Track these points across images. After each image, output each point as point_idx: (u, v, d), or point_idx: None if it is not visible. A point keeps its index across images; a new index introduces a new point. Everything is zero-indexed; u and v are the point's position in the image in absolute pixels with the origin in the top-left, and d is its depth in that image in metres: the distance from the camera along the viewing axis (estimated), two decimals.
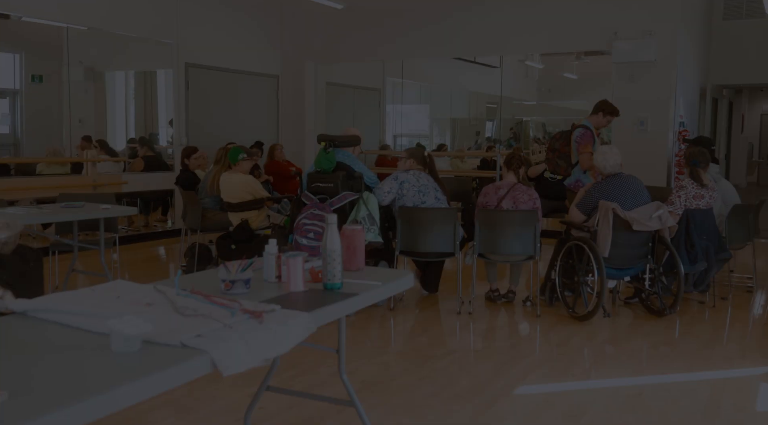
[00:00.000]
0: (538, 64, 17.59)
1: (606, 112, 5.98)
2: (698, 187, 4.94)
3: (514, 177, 4.97)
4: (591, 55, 15.87)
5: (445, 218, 4.81)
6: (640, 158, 7.92)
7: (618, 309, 5.10)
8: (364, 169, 4.91)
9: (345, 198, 4.70)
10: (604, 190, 4.70)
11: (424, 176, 4.96)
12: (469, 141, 16.73)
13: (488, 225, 4.81)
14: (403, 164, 5.07)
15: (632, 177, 4.81)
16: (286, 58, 9.83)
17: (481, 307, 5.10)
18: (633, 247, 4.69)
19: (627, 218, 4.54)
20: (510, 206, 4.87)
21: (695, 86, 9.31)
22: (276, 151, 8.69)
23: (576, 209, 4.84)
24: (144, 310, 1.92)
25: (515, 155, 5.01)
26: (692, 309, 5.13)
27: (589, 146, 5.94)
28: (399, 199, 4.90)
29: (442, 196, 4.98)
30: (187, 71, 8.31)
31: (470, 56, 11.97)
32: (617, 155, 4.79)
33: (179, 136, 8.31)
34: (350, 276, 2.51)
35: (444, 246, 4.83)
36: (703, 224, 4.98)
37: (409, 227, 4.85)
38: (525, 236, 4.78)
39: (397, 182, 4.89)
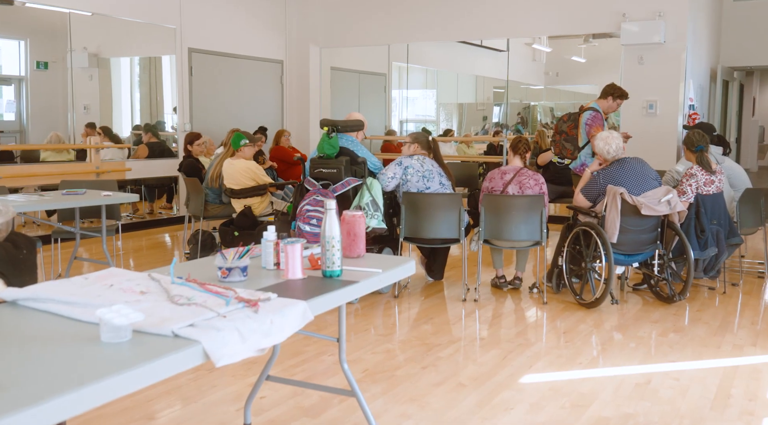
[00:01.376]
0: (546, 48, 17.42)
1: (615, 96, 5.88)
2: (707, 173, 4.84)
3: (520, 161, 4.89)
4: (599, 37, 15.68)
5: (449, 204, 4.74)
6: (649, 142, 7.82)
7: (626, 295, 5.03)
8: (368, 155, 4.84)
9: (348, 184, 4.64)
10: (610, 176, 4.61)
11: (428, 161, 4.89)
12: (476, 126, 16.61)
13: (494, 211, 4.74)
14: (408, 149, 4.99)
15: (637, 160, 4.72)
16: (290, 43, 9.73)
17: (486, 294, 5.04)
18: (642, 233, 4.61)
19: (635, 203, 4.45)
20: (516, 191, 4.79)
21: (705, 68, 9.16)
22: (282, 138, 8.62)
23: (581, 195, 4.75)
24: (137, 299, 1.86)
25: (521, 139, 4.93)
26: (702, 295, 5.05)
27: (600, 129, 5.85)
28: (403, 185, 4.83)
29: (446, 181, 4.90)
30: (190, 56, 8.24)
31: (477, 39, 11.87)
32: (618, 138, 4.70)
33: (183, 123, 8.25)
34: (350, 263, 2.45)
35: (449, 233, 4.77)
36: (714, 208, 4.90)
37: (414, 213, 4.78)
38: (531, 222, 4.70)
39: (401, 167, 4.82)
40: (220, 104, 8.71)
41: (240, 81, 9.00)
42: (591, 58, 16.64)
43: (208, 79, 8.51)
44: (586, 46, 16.55)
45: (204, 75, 8.44)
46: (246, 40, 9.02)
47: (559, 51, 17.92)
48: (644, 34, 7.73)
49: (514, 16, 8.62)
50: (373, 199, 4.58)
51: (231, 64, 8.84)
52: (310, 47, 9.84)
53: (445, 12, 9.03)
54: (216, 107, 8.64)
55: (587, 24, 8.36)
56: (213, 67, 8.59)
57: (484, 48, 15.39)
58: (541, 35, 10.91)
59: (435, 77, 16.08)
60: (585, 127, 5.90)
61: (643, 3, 7.73)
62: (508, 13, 8.65)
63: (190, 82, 8.28)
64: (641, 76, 7.86)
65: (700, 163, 4.85)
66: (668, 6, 7.62)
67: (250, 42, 9.10)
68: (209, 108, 8.54)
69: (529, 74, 18.35)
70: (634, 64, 7.93)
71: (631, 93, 8.01)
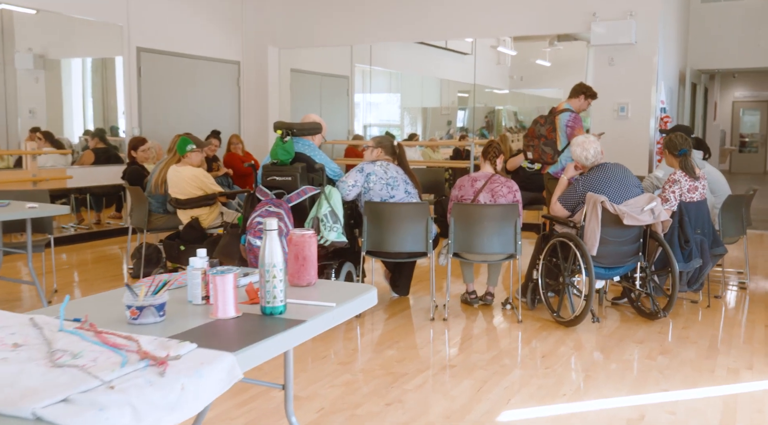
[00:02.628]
0: (511, 51, 17.21)
1: (587, 95, 5.57)
2: (691, 179, 4.53)
3: (491, 168, 4.51)
4: (564, 40, 15.51)
5: (416, 214, 4.33)
6: (621, 146, 7.54)
7: (605, 311, 4.68)
8: (326, 160, 4.41)
9: (304, 193, 4.20)
10: (589, 183, 4.26)
11: (393, 168, 4.48)
12: (441, 130, 16.30)
13: (464, 222, 4.35)
14: (370, 154, 4.57)
15: (618, 166, 4.38)
16: (247, 43, 9.25)
17: (456, 312, 4.64)
18: (623, 244, 4.27)
19: (617, 212, 4.10)
20: (488, 200, 4.41)
21: (674, 71, 8.96)
22: (232, 144, 8.13)
23: (558, 204, 4.39)
24: (4, 357, 1.40)
25: (492, 144, 4.55)
26: (685, 309, 4.73)
27: (582, 131, 5.54)
28: (365, 194, 4.41)
29: (413, 189, 4.50)
30: (139, 56, 7.70)
31: (442, 40, 11.52)
32: (596, 143, 4.36)
33: (131, 127, 7.70)
34: (298, 294, 2.03)
35: (415, 246, 4.36)
36: (698, 217, 4.58)
37: (377, 224, 4.36)
38: (505, 233, 4.32)
39: (363, 174, 4.40)
40: (172, 107, 8.18)
41: (193, 83, 8.48)
42: (556, 61, 16.48)
43: (158, 81, 7.98)
44: (551, 50, 16.37)
45: (154, 76, 7.91)
46: (200, 39, 8.51)
47: (524, 54, 17.74)
48: (615, 35, 7.46)
49: (481, 16, 8.27)
50: (332, 210, 4.15)
51: (184, 65, 8.32)
52: (268, 48, 9.36)
53: (409, 12, 8.65)
54: (167, 110, 8.11)
55: (556, 24, 8.06)
56: (164, 67, 8.06)
57: (448, 51, 15.11)
58: (508, 35, 10.61)
59: (399, 80, 15.72)
60: (566, 130, 5.57)
61: (614, 2, 7.45)
62: (474, 13, 8.31)
63: (139, 83, 7.74)
64: (612, 78, 7.59)
65: (683, 168, 4.53)
66: (639, 5, 7.36)
67: (205, 42, 8.59)
68: (160, 111, 8.01)
69: (493, 78, 18.12)
70: (605, 65, 7.66)
71: (602, 95, 7.72)
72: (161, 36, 7.94)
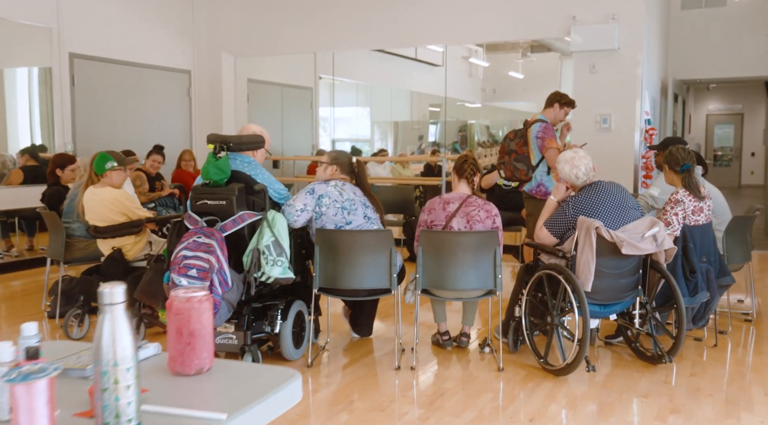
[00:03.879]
0: (483, 62, 16.70)
1: (562, 103, 4.99)
2: (696, 198, 3.92)
3: (466, 187, 3.84)
4: (537, 51, 15.03)
5: (377, 244, 3.64)
6: (604, 160, 6.92)
7: (598, 352, 4.03)
8: (270, 180, 3.70)
9: (242, 220, 3.48)
10: (580, 205, 3.62)
11: (349, 188, 3.79)
12: (412, 145, 15.68)
13: (434, 252, 3.66)
14: (323, 172, 3.88)
15: (614, 185, 3.75)
16: (199, 51, 8.52)
17: (426, 357, 3.95)
18: (620, 276, 3.62)
19: (614, 239, 3.46)
20: (462, 226, 3.73)
21: (657, 80, 8.44)
22: (183, 160, 7.39)
23: (545, 229, 3.74)
24: None
25: (467, 159, 3.88)
26: (688, 349, 4.09)
27: (554, 141, 4.92)
28: (317, 219, 3.71)
29: (373, 214, 3.80)
30: (71, 63, 6.92)
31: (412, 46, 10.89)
32: (586, 158, 3.73)
33: (63, 142, 6.91)
34: (180, 389, 1.32)
35: (376, 281, 3.66)
36: (703, 242, 3.97)
37: (330, 256, 3.66)
38: (482, 265, 3.65)
39: (314, 197, 3.70)
40: (112, 121, 7.39)
41: (137, 93, 7.71)
42: (529, 73, 15.99)
43: (95, 91, 7.20)
44: (523, 61, 15.88)
45: (90, 85, 7.13)
46: (144, 45, 7.76)
47: (497, 66, 17.24)
48: (596, 40, 6.89)
49: (453, 22, 7.65)
50: (275, 240, 3.44)
51: (126, 74, 7.56)
52: (222, 56, 8.64)
53: (377, 17, 7.99)
54: (106, 124, 7.32)
55: (533, 29, 7.46)
56: (102, 76, 7.29)
57: (418, 62, 14.52)
58: (482, 41, 10.01)
59: (368, 93, 15.10)
60: (536, 142, 4.95)
61: (595, 5, 6.89)
62: (445, 19, 7.68)
63: (73, 93, 6.96)
64: (593, 87, 7.01)
65: (687, 187, 3.91)
66: (622, 9, 6.81)
67: (150, 48, 7.84)
68: (97, 125, 7.22)
69: (465, 91, 17.59)
70: (585, 73, 7.08)
71: (583, 105, 7.13)
72: (99, 41, 7.17)
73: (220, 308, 3.31)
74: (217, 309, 3.29)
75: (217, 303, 3.28)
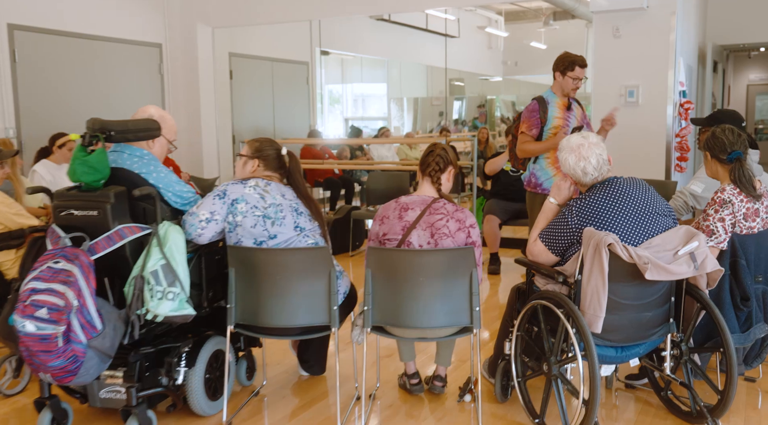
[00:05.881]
0: (502, 32, 15.50)
1: (563, 69, 4.01)
2: (750, 198, 2.89)
3: (432, 188, 2.84)
4: (560, 19, 13.74)
5: (312, 265, 2.68)
6: (630, 142, 5.89)
7: (615, 397, 3.06)
8: (169, 180, 2.77)
9: (120, 236, 2.55)
10: (588, 212, 2.62)
11: (276, 189, 2.82)
12: (432, 122, 14.66)
13: (388, 277, 2.70)
14: (242, 168, 2.92)
15: (635, 183, 2.73)
16: (170, 22, 7.57)
17: (390, 404, 3.01)
18: (645, 309, 2.63)
19: (635, 260, 2.46)
20: (425, 241, 2.75)
21: (694, 46, 7.27)
22: None
23: (540, 243, 2.75)
24: None
25: (435, 151, 2.87)
26: (739, 395, 3.09)
27: (526, 124, 3.96)
28: (230, 232, 2.77)
29: (309, 223, 2.84)
30: (11, 36, 6.03)
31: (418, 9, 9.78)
32: (599, 146, 2.71)
33: (4, 127, 6.05)
34: None
35: (311, 316, 2.71)
36: (759, 257, 2.94)
37: (249, 283, 2.72)
38: (453, 295, 2.68)
39: (225, 202, 2.75)
40: (66, 102, 6.51)
41: (97, 71, 6.81)
42: (552, 43, 14.75)
43: (43, 68, 6.31)
44: (546, 30, 14.65)
45: (36, 61, 6.24)
46: (105, 16, 6.84)
47: (517, 36, 16.03)
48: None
49: None
50: (166, 263, 2.51)
51: (82, 48, 6.66)
52: (197, 27, 7.67)
53: None
54: (59, 106, 6.44)
55: None
56: (52, 51, 6.39)
57: (431, 33, 13.41)
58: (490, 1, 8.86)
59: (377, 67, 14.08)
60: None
61: None
62: None
63: (14, 70, 6.07)
64: (617, 54, 5.91)
65: (738, 182, 2.88)
66: None
67: (113, 19, 6.92)
68: (47, 107, 6.34)
69: (485, 64, 16.42)
70: (608, 37, 5.98)
71: (605, 76, 6.07)
72: (45, 10, 6.27)
73: (84, 361, 2.40)
74: (79, 363, 2.39)
75: (80, 355, 2.38)
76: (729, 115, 3.90)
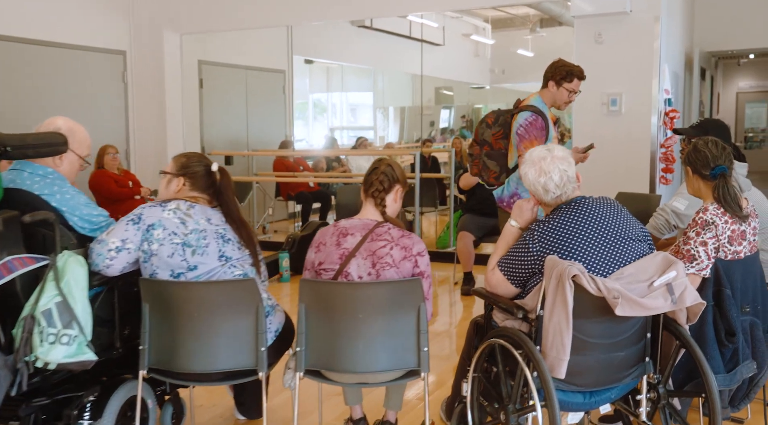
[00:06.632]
0: (488, 40, 15.27)
1: (559, 79, 3.66)
2: (734, 219, 2.56)
3: (375, 211, 2.50)
4: (547, 26, 13.51)
5: (236, 300, 2.34)
6: (612, 153, 5.58)
7: None
8: (77, 202, 2.43)
9: (8, 269, 2.20)
10: (550, 237, 2.29)
11: (200, 213, 2.47)
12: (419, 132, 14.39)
13: (323, 313, 2.36)
14: (165, 188, 2.57)
15: (605, 203, 2.39)
16: (136, 28, 7.25)
17: None
18: (617, 348, 2.29)
19: (603, 293, 2.14)
20: (365, 272, 2.40)
21: (680, 53, 6.99)
22: (106, 157, 6.15)
23: (499, 271, 2.41)
24: None
25: (379, 168, 2.53)
26: None
27: (537, 142, 3.58)
28: (145, 262, 2.42)
29: (237, 251, 2.49)
30: None
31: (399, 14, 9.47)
32: (565, 161, 2.38)
33: None
34: None
35: (235, 359, 2.36)
36: (746, 284, 2.62)
37: (165, 321, 2.38)
38: (398, 334, 2.34)
39: (140, 228, 2.40)
40: (21, 111, 6.16)
41: (56, 78, 6.48)
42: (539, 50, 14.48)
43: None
44: (533, 37, 14.41)
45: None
46: (64, 21, 6.52)
47: (504, 44, 15.78)
48: (603, 1, 5.50)
49: None
50: (62, 301, 2.17)
51: (38, 55, 6.32)
52: (164, 34, 7.35)
53: None
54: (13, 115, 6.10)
55: None
56: (5, 57, 6.06)
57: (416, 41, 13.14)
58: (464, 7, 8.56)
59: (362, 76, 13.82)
60: (515, 138, 3.62)
61: None
62: None
63: None
64: (599, 61, 5.61)
65: (722, 201, 2.56)
66: None
67: (73, 25, 6.60)
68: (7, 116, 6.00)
69: (472, 72, 16.17)
70: (590, 43, 5.69)
71: (587, 83, 5.72)
72: (2, 16, 5.94)
73: None
74: None
75: None
76: (715, 124, 3.59)
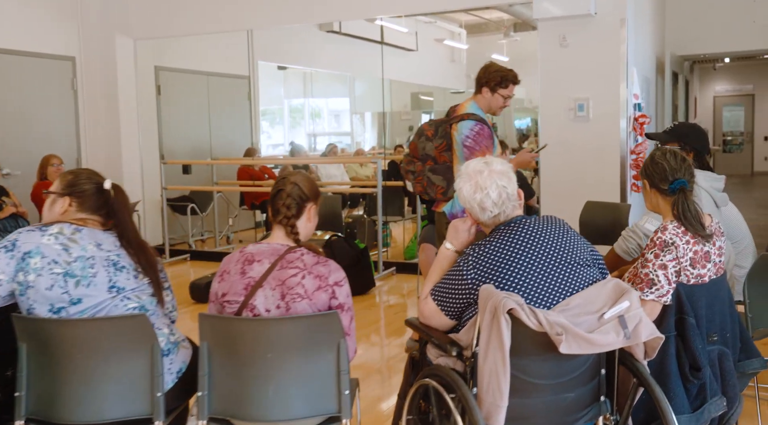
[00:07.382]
0: (462, 45, 15.10)
1: (493, 85, 3.40)
2: (697, 239, 2.29)
3: (284, 236, 2.18)
4: (521, 30, 13.33)
5: (128, 338, 2.03)
6: (580, 160, 5.34)
7: None
8: None
9: None
10: (486, 263, 2.00)
11: (88, 237, 2.14)
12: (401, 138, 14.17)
13: (228, 352, 2.05)
14: (49, 209, 2.25)
15: (550, 223, 2.11)
16: (86, 33, 6.92)
17: None
18: (565, 389, 2.01)
19: (545, 328, 1.85)
20: (273, 305, 2.08)
21: (650, 56, 6.78)
22: (50, 168, 5.80)
23: (432, 301, 2.12)
24: None
25: (285, 190, 2.18)
26: None
27: (487, 152, 3.32)
28: (21, 296, 2.09)
29: (133, 280, 2.16)
30: None
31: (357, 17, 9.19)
32: (501, 177, 2.09)
33: None
34: None
35: (127, 406, 2.04)
36: (712, 311, 2.34)
37: (45, 364, 2.05)
38: (314, 376, 2.03)
39: (13, 256, 2.07)
40: None
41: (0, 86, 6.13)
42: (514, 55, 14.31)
43: None
44: (507, 42, 14.25)
45: None
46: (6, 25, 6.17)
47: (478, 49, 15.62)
48: (567, 3, 5.27)
49: None
50: None
51: None
52: (116, 39, 7.02)
53: None
54: None
55: None
56: None
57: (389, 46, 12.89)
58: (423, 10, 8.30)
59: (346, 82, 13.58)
60: (463, 151, 3.34)
61: None
62: None
63: None
64: (565, 65, 5.38)
65: (682, 218, 2.28)
66: None
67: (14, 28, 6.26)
68: None
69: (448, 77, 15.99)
70: (554, 47, 5.44)
71: (553, 88, 5.51)
72: None
73: None
74: None
75: None
76: (691, 128, 3.33)
